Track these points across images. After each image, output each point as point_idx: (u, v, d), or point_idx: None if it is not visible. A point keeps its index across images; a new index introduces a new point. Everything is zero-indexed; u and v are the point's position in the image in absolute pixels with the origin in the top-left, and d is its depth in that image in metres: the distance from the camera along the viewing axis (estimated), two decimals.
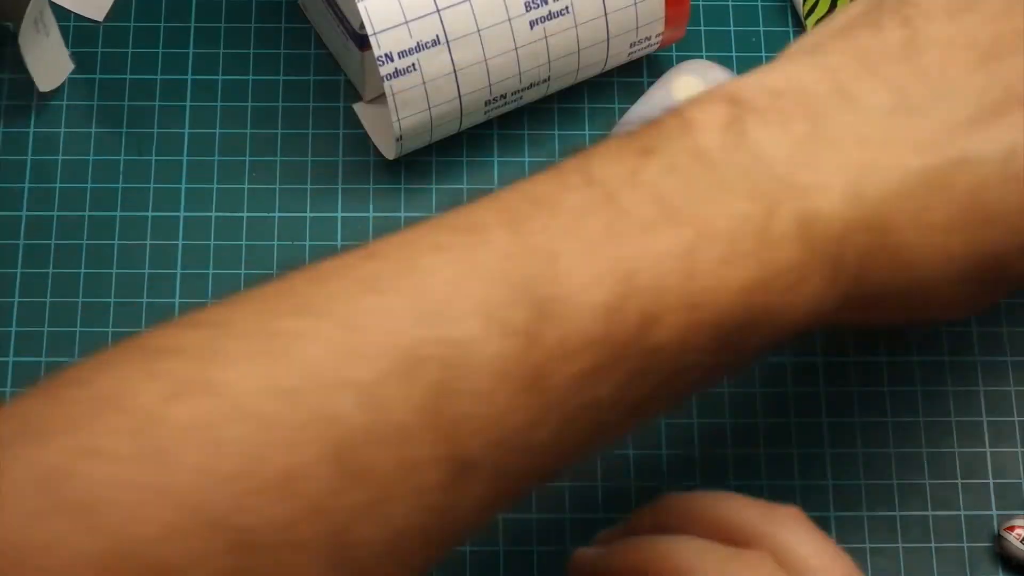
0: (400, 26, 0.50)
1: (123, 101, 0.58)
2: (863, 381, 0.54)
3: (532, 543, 0.51)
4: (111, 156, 0.57)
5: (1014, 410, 0.54)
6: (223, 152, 0.57)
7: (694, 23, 0.60)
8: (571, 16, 0.52)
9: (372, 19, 0.50)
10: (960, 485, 0.53)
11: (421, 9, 0.50)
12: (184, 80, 0.58)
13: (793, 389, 0.54)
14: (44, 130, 0.57)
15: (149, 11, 0.60)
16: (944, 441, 0.53)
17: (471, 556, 0.51)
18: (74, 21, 0.59)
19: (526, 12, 0.52)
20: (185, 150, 0.57)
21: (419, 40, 0.51)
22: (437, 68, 0.51)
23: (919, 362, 0.54)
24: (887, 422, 0.53)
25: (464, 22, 0.51)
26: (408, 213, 0.56)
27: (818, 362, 0.54)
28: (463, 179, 0.57)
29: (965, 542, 0.52)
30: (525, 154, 0.58)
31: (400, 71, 0.51)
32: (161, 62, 0.59)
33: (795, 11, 0.61)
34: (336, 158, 0.57)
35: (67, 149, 0.57)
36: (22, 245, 0.55)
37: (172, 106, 0.58)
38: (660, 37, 0.56)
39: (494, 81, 0.53)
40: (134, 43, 0.59)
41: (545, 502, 0.51)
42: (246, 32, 0.59)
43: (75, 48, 0.59)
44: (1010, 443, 0.53)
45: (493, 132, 0.58)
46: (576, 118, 0.58)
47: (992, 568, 0.52)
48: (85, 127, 0.57)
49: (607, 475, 0.52)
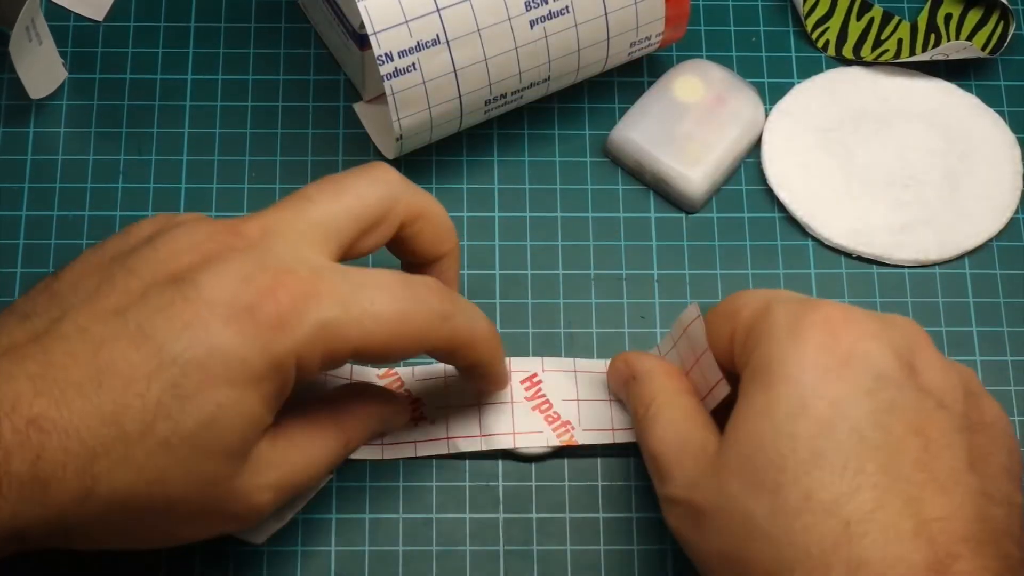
0: (400, 25, 0.50)
1: (123, 101, 0.58)
2: None
3: (532, 543, 0.51)
4: (111, 156, 0.57)
5: (1014, 410, 0.54)
6: (223, 152, 0.57)
7: (694, 23, 0.60)
8: (571, 16, 0.52)
9: (372, 18, 0.50)
10: None
11: (421, 8, 0.50)
12: (184, 80, 0.58)
13: None
14: (44, 130, 0.57)
15: (149, 11, 0.60)
16: None
17: (471, 556, 0.51)
18: (74, 21, 0.59)
19: (526, 12, 0.52)
20: (185, 150, 0.57)
21: (419, 39, 0.50)
22: (437, 68, 0.51)
23: None
24: None
25: (464, 21, 0.51)
26: None
27: None
28: (463, 179, 0.57)
29: None
30: (525, 154, 0.58)
31: (400, 71, 0.51)
32: (161, 62, 0.59)
33: (795, 11, 0.61)
34: (336, 158, 0.57)
35: (67, 149, 0.57)
36: (22, 245, 0.55)
37: (172, 106, 0.58)
38: (660, 37, 0.56)
39: (494, 81, 0.53)
40: (134, 43, 0.59)
41: (545, 502, 0.51)
42: (246, 32, 0.59)
43: (75, 48, 0.59)
44: None
45: (493, 132, 0.58)
46: (576, 118, 0.58)
47: None
48: (85, 127, 0.57)
49: (606, 476, 0.52)
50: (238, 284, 0.42)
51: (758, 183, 0.57)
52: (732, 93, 0.58)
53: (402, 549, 0.51)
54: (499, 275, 0.55)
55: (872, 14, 0.61)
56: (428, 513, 0.51)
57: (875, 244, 0.56)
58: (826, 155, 0.57)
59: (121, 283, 0.42)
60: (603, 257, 0.56)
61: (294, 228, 0.44)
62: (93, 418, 0.40)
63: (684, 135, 0.56)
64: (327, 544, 0.51)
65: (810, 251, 0.56)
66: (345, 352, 0.43)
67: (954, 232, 0.56)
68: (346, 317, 0.43)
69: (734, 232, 0.56)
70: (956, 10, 0.61)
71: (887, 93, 0.59)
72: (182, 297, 0.42)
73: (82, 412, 0.40)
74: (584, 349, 0.54)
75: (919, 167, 0.57)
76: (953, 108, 0.59)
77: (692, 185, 0.56)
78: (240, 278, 0.42)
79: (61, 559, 0.50)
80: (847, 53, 0.60)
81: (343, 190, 0.46)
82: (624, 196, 0.57)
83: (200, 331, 0.41)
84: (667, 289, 0.55)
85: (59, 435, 0.40)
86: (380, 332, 0.43)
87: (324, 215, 0.45)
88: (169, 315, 0.41)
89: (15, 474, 0.39)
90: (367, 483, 0.52)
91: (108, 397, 0.40)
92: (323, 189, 0.46)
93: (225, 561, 0.50)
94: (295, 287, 0.42)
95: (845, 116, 0.58)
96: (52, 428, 0.40)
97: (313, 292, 0.42)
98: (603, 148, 0.58)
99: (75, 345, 0.41)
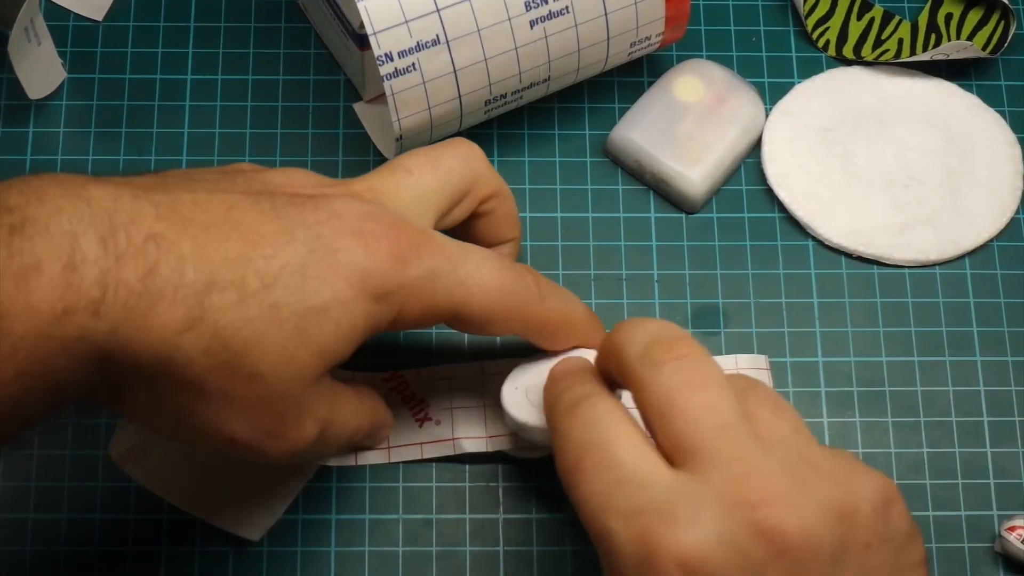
0: (400, 26, 0.50)
1: (123, 101, 0.58)
2: (864, 381, 0.54)
3: (532, 543, 0.51)
4: (111, 156, 0.57)
5: (1014, 410, 0.54)
6: (223, 152, 0.57)
7: (694, 23, 0.60)
8: (571, 16, 0.52)
9: (372, 19, 0.50)
10: (961, 485, 0.53)
11: (421, 9, 0.50)
12: (184, 80, 0.58)
13: (794, 389, 0.54)
14: (43, 130, 0.57)
15: (149, 11, 0.60)
16: (944, 441, 0.53)
17: (471, 556, 0.51)
18: (74, 21, 0.59)
19: (526, 12, 0.52)
20: (185, 150, 0.57)
21: (419, 40, 0.50)
22: (437, 68, 0.51)
23: (920, 362, 0.54)
24: (887, 422, 0.53)
25: (464, 22, 0.51)
26: None
27: (819, 362, 0.54)
28: None
29: (966, 542, 0.52)
30: (525, 154, 0.58)
31: (400, 71, 0.51)
32: (161, 62, 0.59)
33: (795, 11, 0.61)
34: (336, 158, 0.57)
35: (66, 149, 0.57)
36: None
37: (172, 106, 0.58)
38: (660, 37, 0.56)
39: (494, 81, 0.53)
40: (134, 43, 0.59)
41: (545, 503, 0.51)
42: (246, 32, 0.59)
43: (74, 48, 0.59)
44: (1010, 443, 0.53)
45: (493, 132, 0.58)
46: (576, 118, 0.58)
47: (993, 568, 0.51)
48: (84, 127, 0.57)
49: None
50: (364, 215, 0.43)
51: (758, 183, 0.57)
52: (732, 93, 0.58)
53: (402, 550, 0.51)
54: None
55: (872, 14, 0.61)
56: (428, 514, 0.51)
57: (875, 244, 0.56)
58: (826, 155, 0.57)
59: (243, 184, 0.43)
60: (603, 257, 0.56)
61: (398, 195, 0.45)
62: (216, 255, 0.40)
63: (684, 135, 0.56)
64: (327, 544, 0.51)
65: (810, 251, 0.56)
66: (445, 309, 0.44)
67: (954, 232, 0.56)
68: (455, 275, 0.44)
69: (734, 232, 0.56)
70: (957, 10, 0.61)
71: (887, 93, 0.59)
72: (314, 206, 0.42)
73: (205, 246, 0.40)
74: None
75: (919, 167, 0.57)
76: (953, 108, 0.59)
77: (692, 185, 0.56)
78: (363, 211, 0.43)
79: (61, 559, 0.50)
80: (847, 53, 0.60)
81: (437, 163, 0.47)
82: (624, 196, 0.57)
83: (331, 230, 0.42)
84: (667, 289, 0.55)
85: (176, 258, 0.39)
86: (483, 298, 0.45)
87: (423, 186, 0.46)
88: (302, 210, 0.42)
89: (124, 282, 0.38)
90: (367, 484, 0.52)
91: (235, 245, 0.40)
92: (419, 163, 0.47)
93: (225, 561, 0.50)
94: (413, 233, 0.43)
95: (845, 116, 0.58)
96: (171, 249, 0.39)
97: (427, 243, 0.44)
98: (603, 148, 0.58)
99: (205, 199, 0.41)
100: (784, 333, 0.55)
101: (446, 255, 0.44)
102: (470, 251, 0.45)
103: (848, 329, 0.55)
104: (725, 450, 0.40)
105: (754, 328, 0.55)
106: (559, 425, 0.44)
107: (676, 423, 0.41)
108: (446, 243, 0.45)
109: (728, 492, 0.39)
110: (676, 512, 0.39)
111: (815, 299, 0.55)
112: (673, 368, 0.42)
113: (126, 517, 0.51)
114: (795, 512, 0.39)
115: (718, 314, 0.55)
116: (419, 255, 0.43)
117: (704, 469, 0.40)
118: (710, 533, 0.39)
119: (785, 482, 0.40)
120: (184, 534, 0.51)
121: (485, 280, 0.45)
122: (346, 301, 0.42)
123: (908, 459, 0.53)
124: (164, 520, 0.51)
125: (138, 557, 0.50)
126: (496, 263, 0.46)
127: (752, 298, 0.55)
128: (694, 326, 0.55)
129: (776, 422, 0.42)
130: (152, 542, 0.51)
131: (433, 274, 0.44)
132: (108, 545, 0.51)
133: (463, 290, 0.44)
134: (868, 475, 0.41)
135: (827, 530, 0.39)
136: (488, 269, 0.45)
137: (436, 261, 0.44)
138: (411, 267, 0.43)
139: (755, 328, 0.55)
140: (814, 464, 0.41)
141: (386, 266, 0.42)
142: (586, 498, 0.41)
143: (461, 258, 0.45)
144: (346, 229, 0.42)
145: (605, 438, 0.42)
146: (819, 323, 0.55)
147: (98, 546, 0.51)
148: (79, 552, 0.50)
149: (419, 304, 0.44)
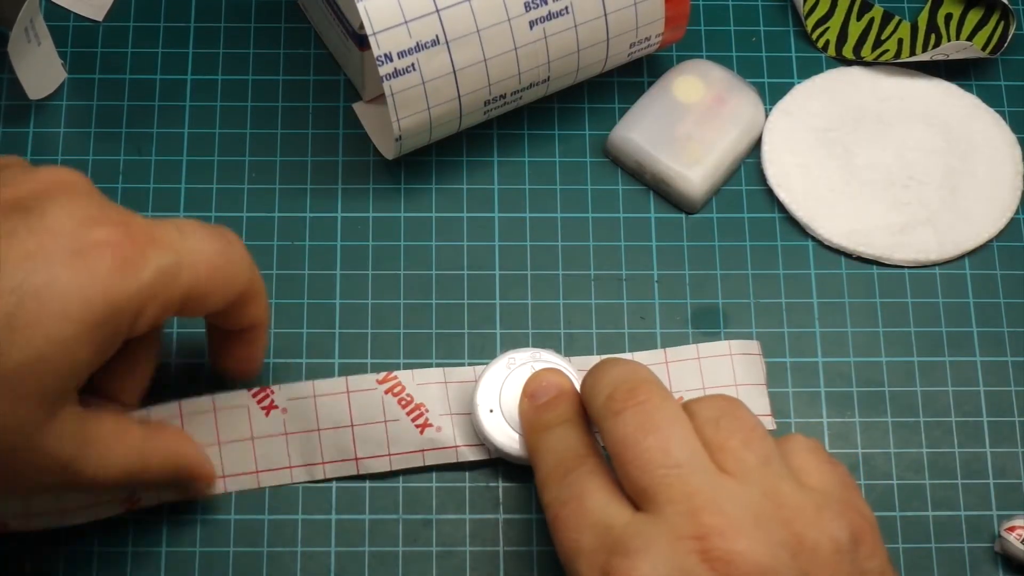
0: (399, 26, 0.50)
1: (123, 101, 0.58)
2: (863, 381, 0.54)
3: (532, 543, 0.51)
4: (111, 156, 0.57)
5: (1014, 410, 0.54)
6: (223, 152, 0.57)
7: (694, 23, 0.60)
8: (571, 16, 0.52)
9: (372, 19, 0.50)
10: (960, 485, 0.53)
11: (420, 9, 0.50)
12: (184, 80, 0.58)
13: (793, 389, 0.54)
14: (43, 130, 0.57)
15: (149, 11, 0.60)
16: (944, 441, 0.53)
17: (471, 556, 0.51)
18: (74, 21, 0.59)
19: (526, 12, 0.52)
20: (185, 150, 0.57)
21: (418, 40, 0.50)
22: (436, 68, 0.51)
23: (919, 362, 0.54)
24: (887, 422, 0.53)
25: (464, 22, 0.51)
26: (408, 213, 0.56)
27: (818, 363, 0.54)
28: (463, 179, 0.57)
29: (965, 542, 0.52)
30: (525, 154, 0.58)
31: (400, 71, 0.51)
32: (161, 62, 0.59)
33: (795, 11, 0.61)
34: (336, 158, 0.57)
35: (67, 149, 0.57)
36: None
37: (172, 106, 0.58)
38: (660, 38, 0.56)
39: (494, 81, 0.53)
40: (134, 43, 0.59)
41: None
42: (246, 32, 0.59)
43: (74, 48, 0.59)
44: (1010, 443, 0.53)
45: (493, 132, 0.58)
46: (576, 118, 0.58)
47: (992, 568, 0.51)
48: (84, 127, 0.57)
49: None
50: (85, 221, 0.42)
51: (758, 183, 0.57)
52: (732, 93, 0.58)
53: (402, 550, 0.51)
54: (499, 275, 0.55)
55: (872, 14, 0.61)
56: (428, 514, 0.51)
57: (875, 244, 0.56)
58: (826, 155, 0.57)
59: None
60: (603, 257, 0.56)
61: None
62: None
63: (684, 135, 0.56)
64: (327, 544, 0.51)
65: (810, 251, 0.56)
66: (176, 297, 0.44)
67: (954, 232, 0.56)
68: (180, 262, 0.43)
69: (734, 232, 0.56)
70: (956, 10, 0.61)
71: (887, 93, 0.59)
72: (27, 229, 0.41)
73: None
74: (584, 349, 0.54)
75: (919, 167, 0.57)
76: (953, 108, 0.59)
77: (692, 185, 0.56)
78: (86, 216, 0.42)
79: (61, 558, 0.50)
80: (847, 53, 0.60)
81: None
82: (624, 196, 0.57)
83: (42, 264, 0.40)
84: (667, 289, 0.55)
85: None
86: (206, 274, 0.44)
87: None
88: (11, 242, 0.40)
89: None
90: (367, 484, 0.52)
91: None
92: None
93: (225, 561, 0.50)
94: (138, 230, 0.43)
95: (845, 116, 0.58)
96: None
97: (151, 239, 0.43)
98: (603, 148, 0.58)
99: None
100: (784, 333, 0.55)
101: (169, 244, 0.43)
102: (187, 230, 0.44)
103: (848, 329, 0.55)
104: (676, 487, 0.42)
105: (754, 328, 0.55)
106: (539, 463, 0.47)
107: (630, 467, 0.43)
108: (169, 229, 0.44)
109: (679, 526, 0.41)
110: (630, 545, 0.41)
111: (815, 299, 0.55)
112: (629, 415, 0.44)
113: (126, 517, 0.51)
114: (744, 543, 0.40)
115: (718, 314, 0.55)
116: (146, 256, 0.42)
117: (658, 506, 0.42)
118: (663, 563, 0.40)
119: (738, 514, 0.41)
120: (184, 534, 0.51)
121: (209, 257, 0.44)
122: (65, 340, 0.40)
123: (908, 459, 0.53)
124: (164, 520, 0.51)
125: (138, 557, 0.50)
126: (206, 232, 0.45)
127: (752, 298, 0.55)
128: (694, 326, 0.55)
129: (744, 453, 0.43)
130: (152, 542, 0.51)
131: (163, 270, 0.43)
132: (108, 546, 0.51)
133: (190, 273, 0.44)
134: (838, 514, 0.42)
135: (780, 563, 0.40)
136: (202, 241, 0.45)
137: (164, 255, 0.43)
138: (141, 271, 0.42)
139: (755, 328, 0.55)
140: (777, 498, 0.42)
141: (114, 279, 0.41)
142: (560, 546, 0.44)
143: (181, 241, 0.44)
144: (62, 252, 0.41)
145: (579, 491, 0.44)
146: (819, 323, 0.55)
147: (98, 546, 0.51)
148: (79, 552, 0.51)
149: (156, 303, 0.43)
